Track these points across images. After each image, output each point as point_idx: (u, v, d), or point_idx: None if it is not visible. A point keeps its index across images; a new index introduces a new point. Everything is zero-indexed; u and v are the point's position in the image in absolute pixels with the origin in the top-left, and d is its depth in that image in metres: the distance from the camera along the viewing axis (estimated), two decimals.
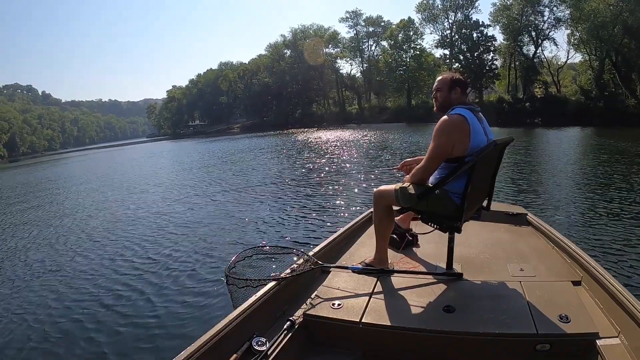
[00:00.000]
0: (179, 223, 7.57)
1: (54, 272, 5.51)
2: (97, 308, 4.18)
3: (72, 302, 4.43)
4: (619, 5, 31.79)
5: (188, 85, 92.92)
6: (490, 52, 46.46)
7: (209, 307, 3.92)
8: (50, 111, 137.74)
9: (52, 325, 3.92)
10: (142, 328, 3.67)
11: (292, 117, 63.33)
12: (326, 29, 64.04)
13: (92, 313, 4.08)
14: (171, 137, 79.32)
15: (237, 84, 75.33)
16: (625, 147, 14.13)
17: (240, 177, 13.37)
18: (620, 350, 1.59)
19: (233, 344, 1.67)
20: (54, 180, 19.97)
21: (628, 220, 5.73)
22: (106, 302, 4.31)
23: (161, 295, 4.32)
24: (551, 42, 40.87)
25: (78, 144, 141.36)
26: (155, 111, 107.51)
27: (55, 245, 6.99)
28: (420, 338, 1.78)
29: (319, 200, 8.49)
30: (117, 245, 6.51)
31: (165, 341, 3.41)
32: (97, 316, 3.99)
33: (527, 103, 36.72)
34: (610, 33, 32.65)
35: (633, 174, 8.97)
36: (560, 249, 2.55)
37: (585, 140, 19.40)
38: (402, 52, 52.90)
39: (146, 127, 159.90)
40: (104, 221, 8.48)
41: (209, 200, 9.57)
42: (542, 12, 39.43)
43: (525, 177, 9.53)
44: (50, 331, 3.81)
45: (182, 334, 3.45)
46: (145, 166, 22.18)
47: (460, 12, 48.14)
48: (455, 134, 2.06)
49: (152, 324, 3.72)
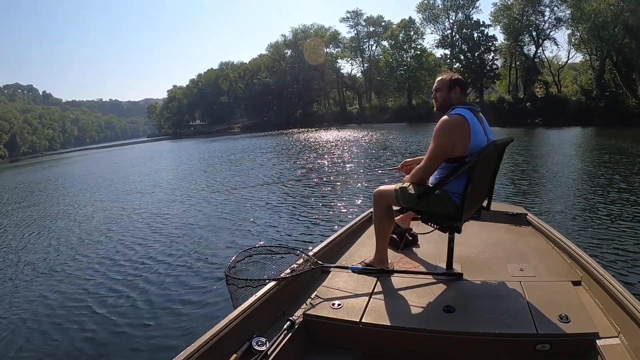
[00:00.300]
0: (179, 223, 7.58)
1: (54, 272, 5.53)
2: (97, 308, 4.18)
3: (71, 302, 4.44)
4: (619, 5, 31.67)
5: (189, 85, 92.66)
6: (491, 52, 46.44)
7: (209, 307, 3.93)
8: (51, 111, 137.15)
9: (52, 325, 3.93)
10: (142, 328, 3.68)
11: (292, 117, 63.29)
12: (327, 28, 64.17)
13: (92, 313, 4.08)
14: (172, 137, 79.18)
15: (237, 83, 75.27)
16: (626, 147, 14.08)
17: (240, 177, 13.38)
18: (620, 350, 1.58)
19: (233, 344, 1.67)
20: (53, 180, 20.14)
21: (628, 220, 5.72)
22: (106, 302, 4.32)
23: (161, 295, 4.34)
24: (552, 42, 40.87)
25: (79, 143, 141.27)
26: (155, 111, 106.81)
27: (56, 245, 7.00)
28: (420, 338, 1.78)
29: (319, 200, 8.50)
30: (118, 245, 6.52)
31: (166, 341, 3.41)
32: (97, 316, 4.00)
33: (528, 103, 36.71)
34: (611, 33, 32.60)
35: (634, 175, 8.96)
36: (560, 249, 2.55)
37: (586, 140, 19.36)
38: (403, 52, 52.95)
39: (147, 127, 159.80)
40: (104, 221, 8.50)
41: (208, 201, 9.57)
42: (542, 12, 39.50)
43: (526, 177, 9.51)
44: (50, 331, 3.81)
45: (182, 334, 3.46)
46: (145, 167, 22.12)
47: (461, 12, 48.14)
48: (455, 134, 2.06)
49: (152, 324, 3.73)
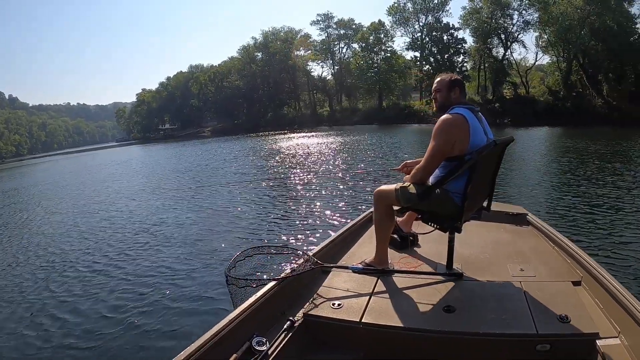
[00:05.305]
0: (178, 224, 7.60)
1: (54, 272, 5.58)
2: (97, 309, 4.18)
3: (71, 302, 4.47)
4: (586, 8, 32.85)
5: (158, 89, 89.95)
6: (460, 55, 47.11)
7: (209, 307, 3.94)
8: (18, 115, 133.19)
9: (52, 324, 3.96)
10: (142, 328, 3.68)
11: (263, 120, 62.30)
12: (297, 31, 63.67)
13: (91, 313, 4.10)
14: (141, 142, 77.30)
15: (208, 86, 73.34)
16: (626, 148, 14.19)
17: (230, 178, 13.61)
18: (620, 350, 1.58)
19: (233, 344, 1.66)
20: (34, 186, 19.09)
21: (628, 220, 5.73)
22: (106, 302, 4.34)
23: (161, 296, 4.33)
24: (520, 45, 42.47)
25: (46, 149, 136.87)
26: (124, 115, 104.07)
27: (55, 245, 7.15)
28: (420, 338, 1.78)
29: (320, 200, 8.52)
30: (117, 246, 6.49)
31: (166, 341, 3.42)
32: (97, 317, 4.00)
33: (497, 104, 37.32)
34: (577, 35, 33.73)
35: (634, 175, 8.99)
36: (560, 249, 2.56)
37: (578, 140, 18.87)
38: (373, 55, 52.74)
39: (115, 131, 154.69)
40: (99, 225, 8.42)
41: (207, 201, 9.62)
42: (511, 15, 40.64)
43: (522, 177, 9.53)
44: (50, 331, 3.83)
45: (182, 334, 3.45)
46: (130, 170, 21.53)
47: (431, 15, 48.64)
48: (455, 133, 2.07)
49: (152, 324, 3.73)
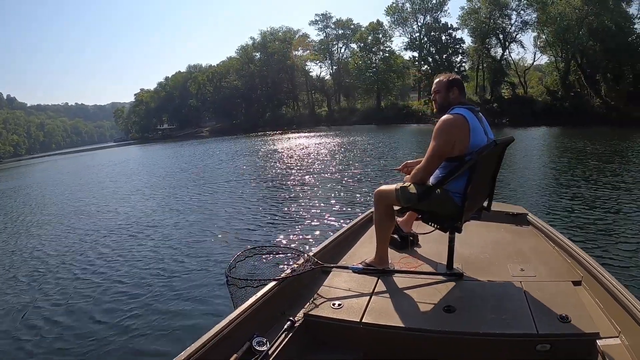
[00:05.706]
0: (177, 225, 7.54)
1: (54, 271, 5.59)
2: (96, 309, 4.18)
3: (71, 302, 4.44)
4: (584, 9, 32.92)
5: (156, 89, 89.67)
6: (458, 55, 47.01)
7: (209, 307, 3.92)
8: (16, 115, 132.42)
9: (52, 324, 3.95)
10: (142, 329, 3.66)
11: (262, 120, 62.13)
12: (295, 31, 63.55)
13: (91, 313, 4.09)
14: (139, 142, 76.93)
15: (206, 87, 73.14)
16: (627, 147, 14.09)
17: (234, 179, 13.37)
18: (621, 350, 1.58)
19: (233, 344, 1.66)
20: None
21: (628, 220, 5.69)
22: (106, 303, 4.32)
23: (161, 296, 4.31)
24: (518, 45, 42.53)
25: (44, 149, 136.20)
26: (122, 115, 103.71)
27: (53, 246, 7.04)
28: (420, 338, 1.78)
29: (320, 201, 8.44)
30: (116, 247, 6.46)
31: (166, 341, 3.40)
32: (96, 318, 3.98)
33: (495, 104, 37.32)
34: (575, 36, 33.77)
35: (633, 174, 8.95)
36: (560, 249, 2.55)
37: (577, 140, 18.71)
38: (372, 55, 52.67)
39: (114, 131, 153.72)
40: (99, 224, 8.36)
41: (207, 202, 9.55)
42: (509, 15, 40.67)
43: (523, 177, 9.46)
44: (49, 331, 3.83)
45: (183, 334, 3.44)
46: (131, 170, 21.25)
47: (430, 15, 48.50)
48: (455, 133, 2.06)
49: (152, 324, 3.72)
